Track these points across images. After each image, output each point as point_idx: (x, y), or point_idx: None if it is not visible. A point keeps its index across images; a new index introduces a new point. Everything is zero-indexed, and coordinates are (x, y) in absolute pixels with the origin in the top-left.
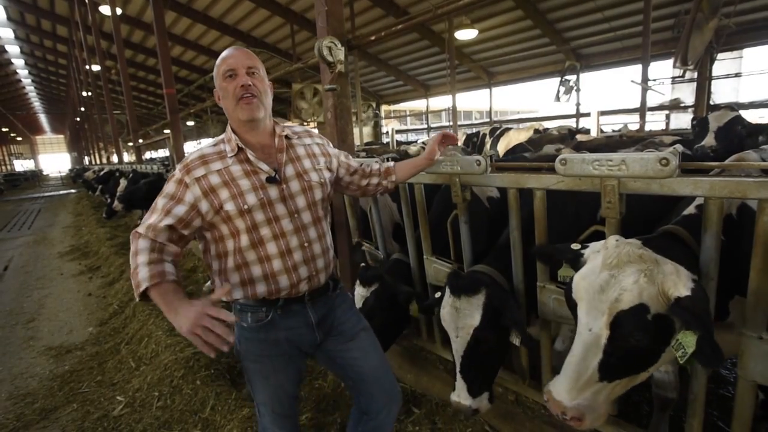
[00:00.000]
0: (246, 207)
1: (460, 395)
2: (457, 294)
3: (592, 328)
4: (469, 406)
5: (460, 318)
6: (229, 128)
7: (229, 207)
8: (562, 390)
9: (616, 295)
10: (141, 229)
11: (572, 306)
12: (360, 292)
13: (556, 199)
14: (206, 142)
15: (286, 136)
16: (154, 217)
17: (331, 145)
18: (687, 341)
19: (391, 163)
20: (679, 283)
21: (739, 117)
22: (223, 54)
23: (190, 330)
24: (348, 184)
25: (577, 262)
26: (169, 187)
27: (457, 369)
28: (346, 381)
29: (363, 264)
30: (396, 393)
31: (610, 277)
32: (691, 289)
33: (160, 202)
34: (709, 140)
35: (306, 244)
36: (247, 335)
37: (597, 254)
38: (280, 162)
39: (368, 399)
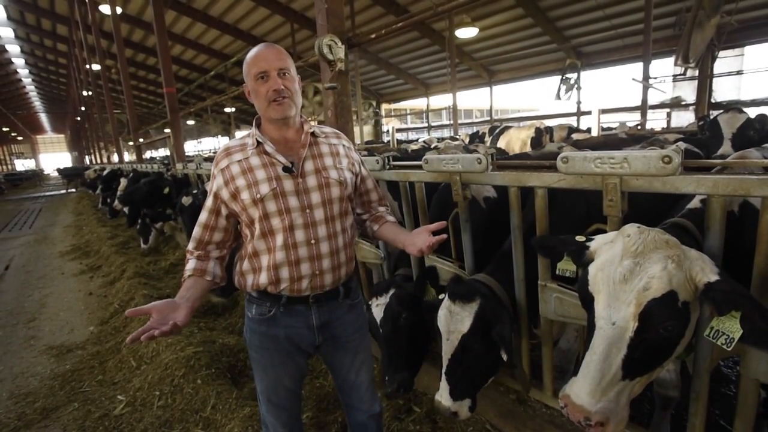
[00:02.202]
0: (259, 196)
1: (442, 395)
2: (453, 298)
3: (615, 321)
4: (448, 408)
5: (452, 322)
6: (254, 123)
7: (245, 196)
8: (584, 393)
9: (644, 283)
10: (190, 246)
11: (588, 300)
12: (380, 301)
13: (561, 198)
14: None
15: (312, 134)
16: (204, 218)
17: (356, 152)
18: (727, 326)
19: (389, 216)
20: (705, 268)
21: (750, 120)
22: (254, 52)
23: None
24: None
25: (581, 254)
26: (211, 182)
27: (443, 370)
28: (335, 382)
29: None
30: (376, 411)
31: (634, 265)
32: (719, 274)
33: (208, 201)
34: (727, 148)
35: (313, 241)
36: (252, 326)
37: (611, 244)
38: (300, 156)
39: (349, 410)
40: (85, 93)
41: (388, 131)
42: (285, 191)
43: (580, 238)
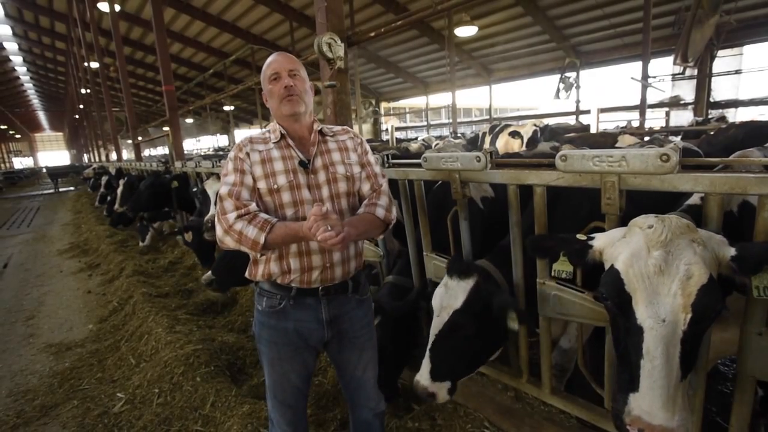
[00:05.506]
0: (275, 186)
1: (422, 375)
2: (450, 273)
3: (665, 317)
4: (426, 388)
5: (446, 297)
6: (275, 122)
7: (261, 185)
8: (657, 409)
9: (684, 271)
10: (227, 205)
11: (624, 302)
12: None
13: (562, 197)
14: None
15: (321, 132)
16: (227, 189)
17: (367, 145)
18: None
19: (374, 208)
20: (721, 243)
21: None
22: (269, 60)
23: (307, 235)
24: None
25: (584, 253)
26: (230, 165)
27: (428, 347)
28: (341, 380)
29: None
30: (381, 409)
31: (666, 254)
32: (731, 244)
33: (229, 178)
34: None
35: None
36: (261, 319)
37: (626, 240)
38: (310, 153)
39: (355, 407)
40: (83, 91)
41: (387, 130)
42: (300, 183)
43: (581, 237)
